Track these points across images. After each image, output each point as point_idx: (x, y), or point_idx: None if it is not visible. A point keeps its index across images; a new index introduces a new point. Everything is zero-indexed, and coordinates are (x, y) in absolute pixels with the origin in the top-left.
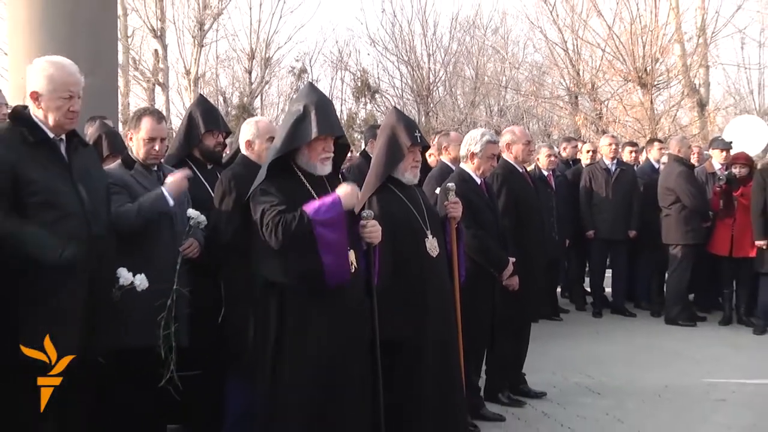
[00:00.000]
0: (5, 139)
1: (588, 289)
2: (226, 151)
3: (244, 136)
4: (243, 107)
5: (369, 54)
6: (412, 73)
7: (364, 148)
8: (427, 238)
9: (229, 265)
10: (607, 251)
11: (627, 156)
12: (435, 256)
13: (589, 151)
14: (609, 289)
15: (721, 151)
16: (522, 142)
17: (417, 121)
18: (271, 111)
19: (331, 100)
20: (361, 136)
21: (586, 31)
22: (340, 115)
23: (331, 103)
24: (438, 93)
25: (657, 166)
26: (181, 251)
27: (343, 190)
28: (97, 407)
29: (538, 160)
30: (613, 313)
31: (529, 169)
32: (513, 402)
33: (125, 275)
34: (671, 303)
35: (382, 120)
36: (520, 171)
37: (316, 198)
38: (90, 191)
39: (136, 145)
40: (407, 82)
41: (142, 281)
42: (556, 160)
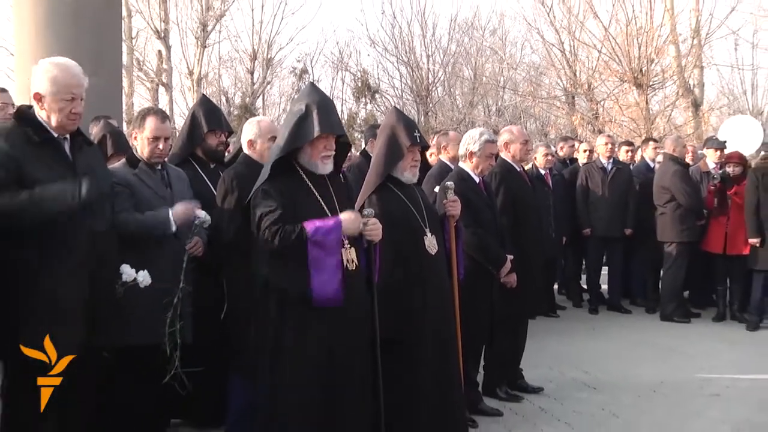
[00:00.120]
0: (10, 137)
1: (584, 286)
2: (229, 150)
3: (246, 136)
4: (245, 107)
5: (369, 55)
6: (411, 74)
7: (364, 147)
8: (426, 236)
9: (230, 263)
10: (603, 249)
11: (623, 155)
12: (434, 253)
13: (586, 150)
14: (605, 286)
15: (715, 151)
16: (520, 142)
17: (416, 120)
18: (273, 111)
19: (332, 99)
20: (361, 136)
21: (583, 33)
22: (341, 115)
23: (332, 103)
24: (437, 93)
25: (652, 165)
26: (187, 250)
27: (345, 216)
28: (101, 402)
29: (536, 159)
30: (609, 309)
31: (526, 168)
32: (511, 397)
33: (128, 271)
34: (666, 300)
35: (383, 120)
36: (518, 170)
37: (317, 196)
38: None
39: (141, 144)
40: (407, 82)
41: (144, 278)
42: (553, 159)
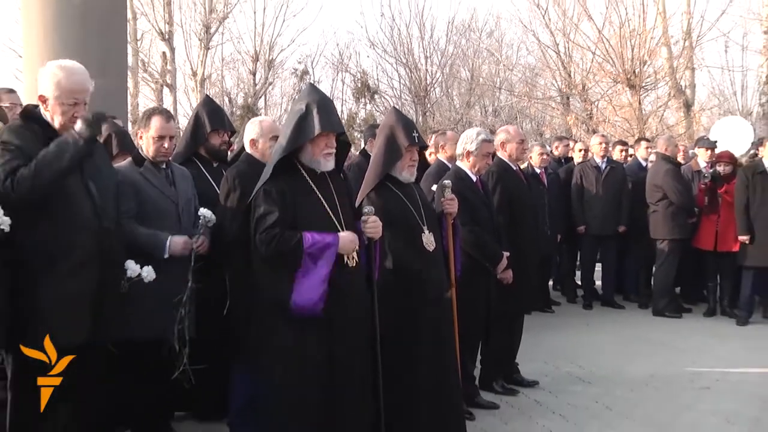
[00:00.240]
0: (19, 132)
1: (579, 283)
2: (231, 149)
3: (249, 135)
4: (247, 107)
5: (369, 56)
6: (410, 75)
7: (363, 146)
8: (424, 233)
9: (233, 260)
10: (597, 246)
11: (617, 154)
12: (431, 250)
13: (582, 149)
14: (599, 283)
15: (706, 150)
16: (516, 141)
17: (414, 120)
18: (275, 111)
19: (331, 99)
20: (361, 136)
21: (577, 35)
22: (341, 115)
23: (332, 102)
24: (435, 94)
25: (644, 164)
26: (194, 249)
27: (343, 234)
28: (107, 395)
29: (531, 158)
30: (603, 305)
31: (522, 167)
32: (507, 390)
33: (133, 267)
34: (658, 295)
35: (382, 119)
36: (514, 169)
37: (318, 194)
38: (100, 187)
39: (146, 143)
40: (405, 83)
41: (149, 273)
42: (548, 158)
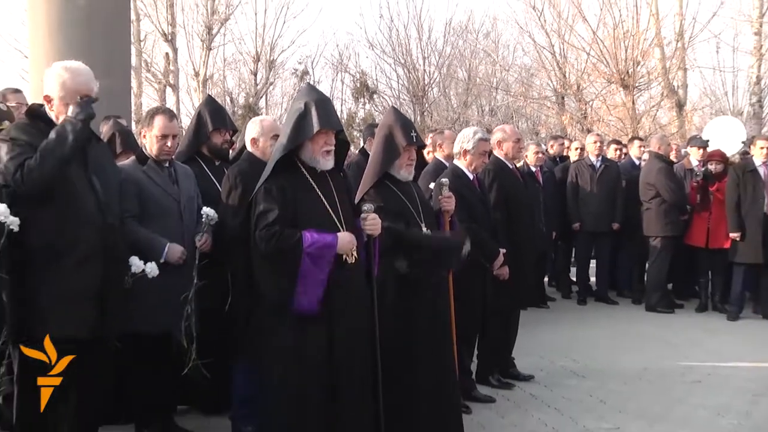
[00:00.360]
0: (26, 130)
1: (574, 279)
2: (233, 148)
3: (250, 134)
4: (249, 107)
5: (368, 57)
6: (408, 75)
7: (362, 145)
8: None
9: (234, 256)
10: (592, 243)
11: (612, 153)
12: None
13: (578, 148)
14: (593, 279)
15: (698, 149)
16: (512, 140)
17: (413, 120)
18: (276, 111)
19: (329, 97)
20: (360, 135)
21: (572, 36)
22: (341, 115)
23: (330, 101)
24: (432, 94)
25: (638, 162)
26: (198, 247)
27: (342, 236)
28: (111, 390)
29: (527, 156)
30: (597, 300)
31: (518, 166)
32: (503, 384)
33: (137, 263)
34: (651, 291)
35: (381, 119)
36: (511, 167)
37: (318, 192)
38: (104, 184)
39: (150, 142)
40: (404, 83)
41: (152, 269)
42: (543, 156)
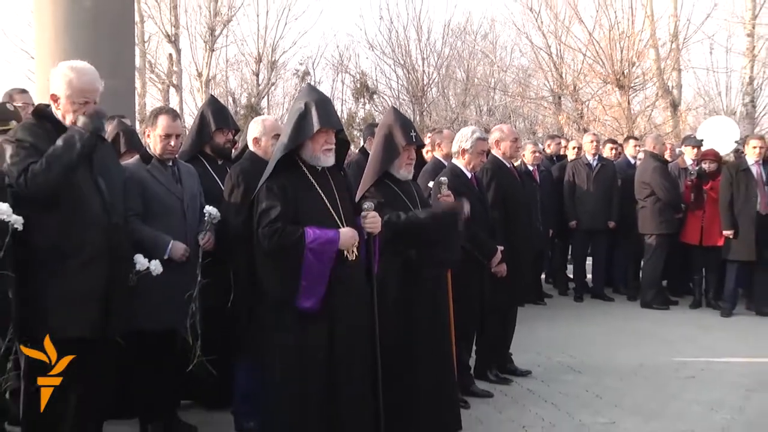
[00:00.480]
0: (32, 131)
1: (570, 276)
2: (236, 147)
3: (252, 134)
4: (251, 107)
5: (368, 58)
6: (407, 76)
7: (362, 145)
8: None
9: (237, 254)
10: (588, 241)
11: (608, 152)
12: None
13: (575, 147)
14: (590, 276)
15: (692, 148)
16: (510, 140)
17: (412, 120)
18: (277, 110)
19: (329, 97)
20: (360, 134)
21: (569, 37)
22: (341, 115)
23: (330, 101)
24: (431, 94)
25: (633, 161)
26: (201, 245)
27: (344, 231)
28: (117, 386)
29: (524, 156)
30: (593, 297)
31: (515, 165)
32: (501, 380)
33: (141, 261)
34: (646, 288)
35: (381, 118)
36: (508, 166)
37: (318, 190)
38: (108, 184)
39: (153, 141)
40: (403, 83)
41: (156, 267)
42: (540, 156)
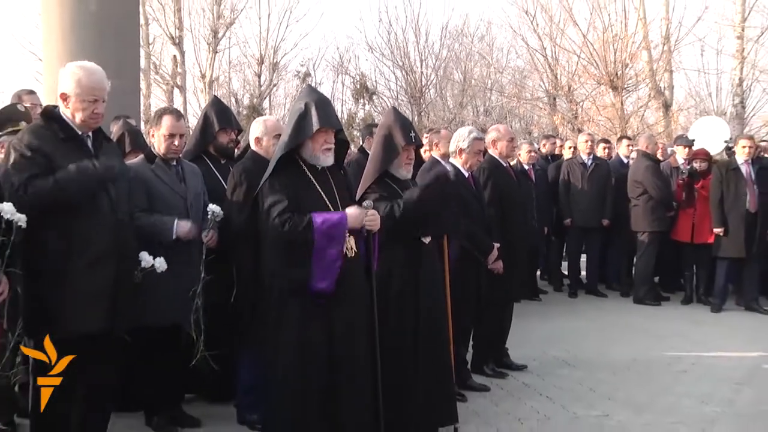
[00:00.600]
0: (39, 133)
1: (565, 272)
2: (238, 147)
3: (254, 134)
4: (253, 108)
5: (367, 59)
6: (406, 77)
7: (362, 144)
8: None
9: (240, 250)
10: (582, 238)
11: (600, 152)
12: (427, 242)
13: (571, 147)
14: (584, 272)
15: (684, 148)
16: (506, 139)
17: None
18: (279, 111)
19: (328, 98)
20: (359, 134)
21: (563, 39)
22: (341, 115)
23: (329, 101)
24: (429, 95)
25: (626, 161)
26: (204, 243)
27: (350, 211)
28: (123, 380)
29: (520, 155)
30: (587, 293)
31: (511, 164)
32: (497, 374)
33: (147, 258)
34: (639, 284)
35: (381, 118)
36: (504, 165)
37: (319, 189)
38: (115, 183)
39: (158, 141)
40: (402, 85)
41: (161, 264)
42: (536, 155)
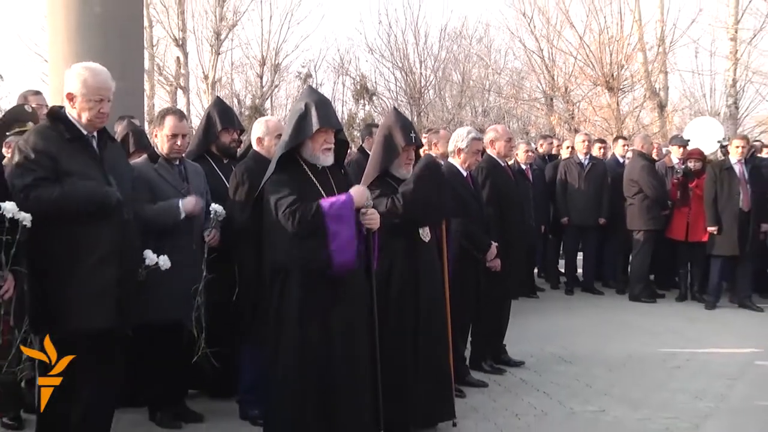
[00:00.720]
0: (45, 134)
1: (562, 270)
2: (241, 146)
3: (256, 134)
4: (255, 108)
5: (367, 61)
6: (405, 78)
7: (361, 144)
8: None
9: (242, 249)
10: (579, 236)
11: (596, 151)
12: (427, 241)
13: (569, 147)
14: (580, 270)
15: (678, 148)
16: (504, 139)
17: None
18: (280, 112)
19: (328, 98)
20: (360, 134)
21: (560, 41)
22: (341, 116)
23: (329, 101)
24: (428, 96)
25: (622, 160)
26: (207, 242)
27: (355, 190)
28: (127, 376)
29: (518, 155)
30: (584, 291)
31: (509, 163)
32: (495, 370)
33: (151, 256)
34: (634, 282)
35: (382, 119)
36: (502, 165)
37: (319, 188)
38: (119, 181)
39: (161, 141)
40: (401, 86)
41: (165, 261)
42: (533, 155)
